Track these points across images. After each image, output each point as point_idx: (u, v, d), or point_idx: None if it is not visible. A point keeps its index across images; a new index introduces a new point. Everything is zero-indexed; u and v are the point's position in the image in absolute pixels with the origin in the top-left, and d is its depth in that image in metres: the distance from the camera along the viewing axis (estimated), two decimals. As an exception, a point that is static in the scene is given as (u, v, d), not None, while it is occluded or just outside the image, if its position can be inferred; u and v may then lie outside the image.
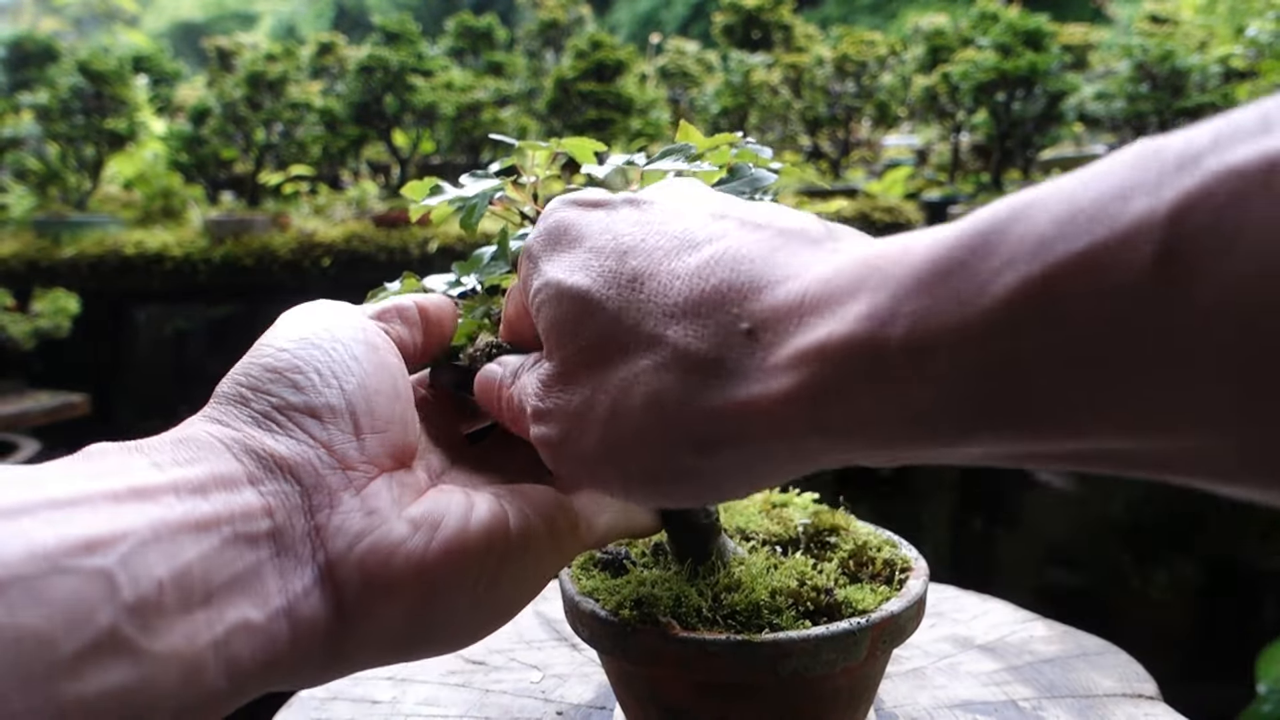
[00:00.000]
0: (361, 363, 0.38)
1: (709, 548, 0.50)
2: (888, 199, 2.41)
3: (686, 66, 3.42)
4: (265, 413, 0.35)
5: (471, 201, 0.48)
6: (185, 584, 0.28)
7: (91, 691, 0.26)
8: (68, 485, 0.28)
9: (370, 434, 0.36)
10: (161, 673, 0.27)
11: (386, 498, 0.35)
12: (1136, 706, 0.61)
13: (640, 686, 0.51)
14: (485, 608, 0.37)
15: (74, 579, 0.26)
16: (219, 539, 0.30)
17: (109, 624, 0.26)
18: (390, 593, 0.34)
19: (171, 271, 2.40)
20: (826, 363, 0.26)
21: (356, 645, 0.34)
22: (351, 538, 0.34)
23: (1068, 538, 3.03)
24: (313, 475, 0.34)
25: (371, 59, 2.54)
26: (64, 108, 2.56)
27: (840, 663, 0.46)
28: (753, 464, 0.31)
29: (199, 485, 0.31)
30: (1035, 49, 2.42)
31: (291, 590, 0.32)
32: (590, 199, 0.38)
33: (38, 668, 0.24)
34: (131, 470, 0.30)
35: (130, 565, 0.27)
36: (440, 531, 0.35)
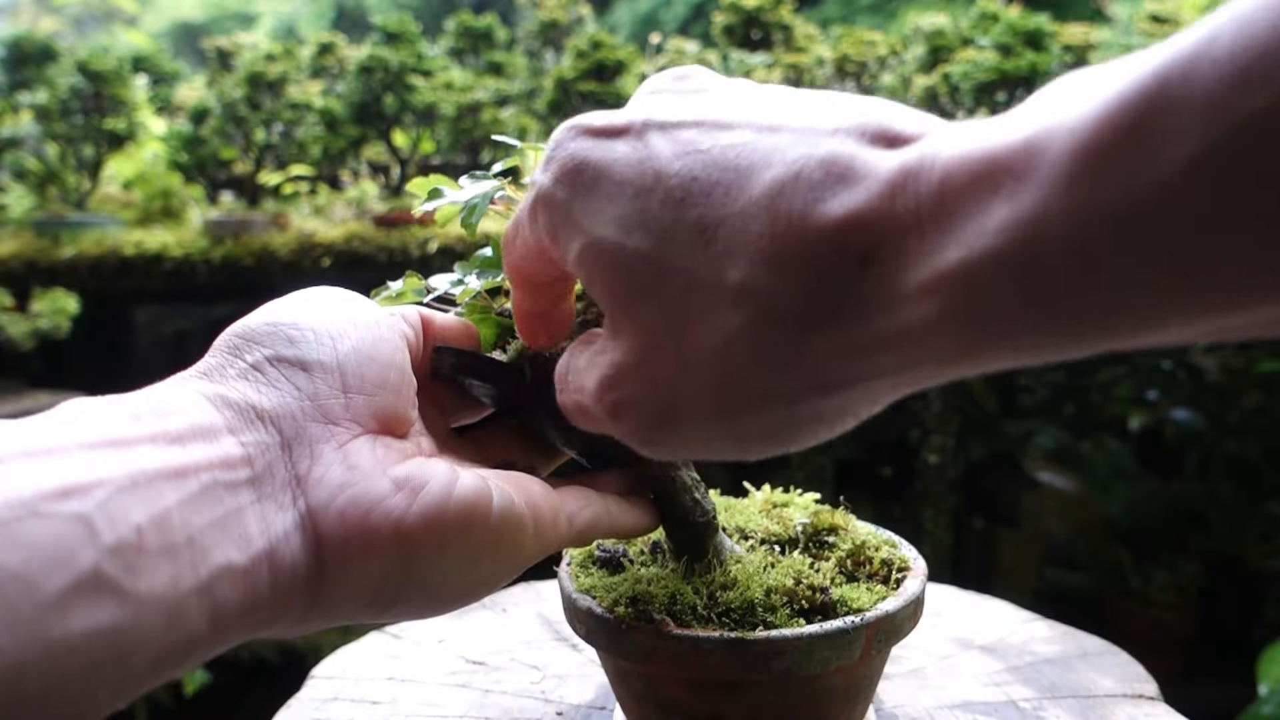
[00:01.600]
0: (360, 329, 0.38)
1: (706, 545, 0.50)
2: (888, 199, 2.41)
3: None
4: (256, 364, 0.36)
5: (473, 203, 0.48)
6: (166, 528, 0.29)
7: (78, 630, 0.26)
8: (42, 436, 0.28)
9: (358, 394, 0.36)
10: (146, 614, 0.28)
11: (369, 456, 0.35)
12: (1137, 707, 0.61)
13: (636, 684, 0.51)
14: (461, 579, 0.37)
15: (52, 522, 0.26)
16: (198, 485, 0.31)
17: (91, 565, 0.26)
18: (369, 548, 0.34)
19: (171, 271, 2.40)
20: (974, 282, 0.24)
21: (333, 597, 0.34)
22: (333, 488, 0.34)
23: (1068, 538, 3.03)
24: (293, 426, 0.34)
25: (371, 59, 2.54)
26: (63, 108, 2.55)
27: (834, 661, 0.46)
28: (880, 394, 0.29)
29: (176, 436, 0.31)
30: (1036, 49, 2.42)
31: (273, 533, 0.32)
32: (605, 125, 0.33)
33: (23, 607, 0.25)
34: (108, 422, 0.31)
35: (108, 510, 0.27)
36: (422, 496, 0.35)
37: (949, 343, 0.25)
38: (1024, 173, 0.23)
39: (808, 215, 0.27)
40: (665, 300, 0.30)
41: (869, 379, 0.28)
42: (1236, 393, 3.06)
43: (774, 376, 0.29)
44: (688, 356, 0.30)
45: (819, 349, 0.27)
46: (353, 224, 2.53)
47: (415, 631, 0.74)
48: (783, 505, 0.59)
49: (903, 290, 0.26)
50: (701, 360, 0.30)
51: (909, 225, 0.25)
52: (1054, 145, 0.23)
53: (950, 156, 0.25)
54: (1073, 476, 3.03)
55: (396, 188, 2.63)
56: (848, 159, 0.27)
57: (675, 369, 0.31)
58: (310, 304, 0.39)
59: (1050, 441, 3.15)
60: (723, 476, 0.60)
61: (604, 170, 0.32)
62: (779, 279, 0.27)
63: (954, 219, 0.24)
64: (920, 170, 0.26)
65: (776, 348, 0.28)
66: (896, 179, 0.26)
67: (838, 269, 0.26)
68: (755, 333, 0.28)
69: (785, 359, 0.28)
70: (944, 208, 0.25)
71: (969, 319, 0.25)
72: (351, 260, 2.32)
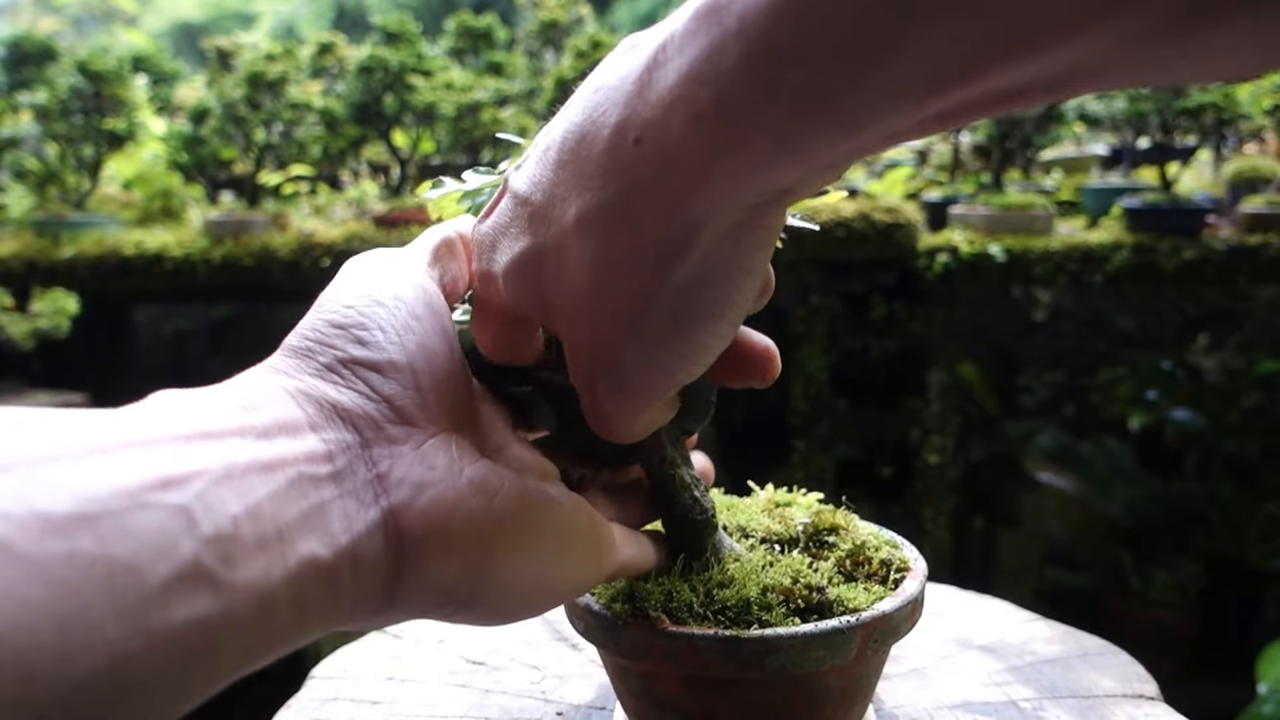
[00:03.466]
0: (424, 322, 0.38)
1: (704, 543, 0.50)
2: (888, 199, 2.41)
3: (686, 66, 3.42)
4: (329, 365, 0.36)
5: (479, 199, 0.48)
6: (258, 519, 0.29)
7: (178, 620, 0.26)
8: (140, 428, 0.29)
9: (430, 392, 0.37)
10: (240, 605, 0.28)
11: (445, 457, 0.36)
12: (1137, 707, 0.61)
13: (634, 680, 0.51)
14: (532, 583, 0.38)
15: (157, 513, 0.26)
16: (284, 479, 0.31)
17: (191, 555, 0.27)
18: (448, 548, 0.35)
19: (171, 271, 2.40)
20: (716, 88, 0.28)
21: (410, 595, 0.35)
22: (414, 488, 0.34)
23: (1068, 538, 3.03)
24: (373, 427, 0.35)
25: (371, 59, 2.54)
26: (63, 108, 2.55)
27: (829, 660, 0.46)
28: (742, 245, 0.33)
29: (263, 430, 0.32)
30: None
31: (355, 530, 0.33)
32: (492, 234, 0.39)
33: (130, 597, 0.25)
34: (198, 414, 0.31)
35: (206, 500, 0.28)
36: (497, 500, 0.36)
37: (721, 146, 0.30)
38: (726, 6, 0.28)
39: (595, 139, 0.33)
40: (554, 285, 0.36)
41: (708, 218, 0.32)
42: (1236, 393, 3.07)
43: (640, 264, 0.33)
44: (593, 313, 0.35)
45: (649, 212, 0.32)
46: (353, 224, 2.53)
47: (415, 631, 0.74)
48: (785, 505, 0.59)
49: (658, 98, 0.30)
50: (598, 303, 0.35)
51: (650, 60, 0.31)
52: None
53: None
54: (1073, 476, 3.03)
55: (396, 188, 2.63)
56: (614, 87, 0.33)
57: (591, 331, 0.36)
58: (369, 294, 0.38)
59: (1050, 441, 3.15)
60: (723, 476, 0.60)
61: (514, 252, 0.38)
62: (594, 191, 0.33)
63: (683, 35, 0.29)
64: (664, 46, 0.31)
65: (622, 235, 0.33)
66: (644, 75, 0.31)
67: (620, 153, 0.32)
68: (604, 239, 0.33)
69: (635, 242, 0.33)
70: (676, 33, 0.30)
71: (719, 118, 0.29)
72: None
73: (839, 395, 2.47)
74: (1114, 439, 3.22)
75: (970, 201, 2.46)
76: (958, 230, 2.39)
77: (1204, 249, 2.25)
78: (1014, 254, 2.27)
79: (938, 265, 2.29)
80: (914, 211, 2.38)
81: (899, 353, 2.56)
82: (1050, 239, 2.32)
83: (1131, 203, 2.36)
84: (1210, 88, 2.30)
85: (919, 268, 2.34)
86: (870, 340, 2.47)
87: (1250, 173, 2.50)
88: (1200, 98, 2.28)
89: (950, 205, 2.51)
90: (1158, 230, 2.29)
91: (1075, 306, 3.49)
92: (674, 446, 0.49)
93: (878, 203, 2.33)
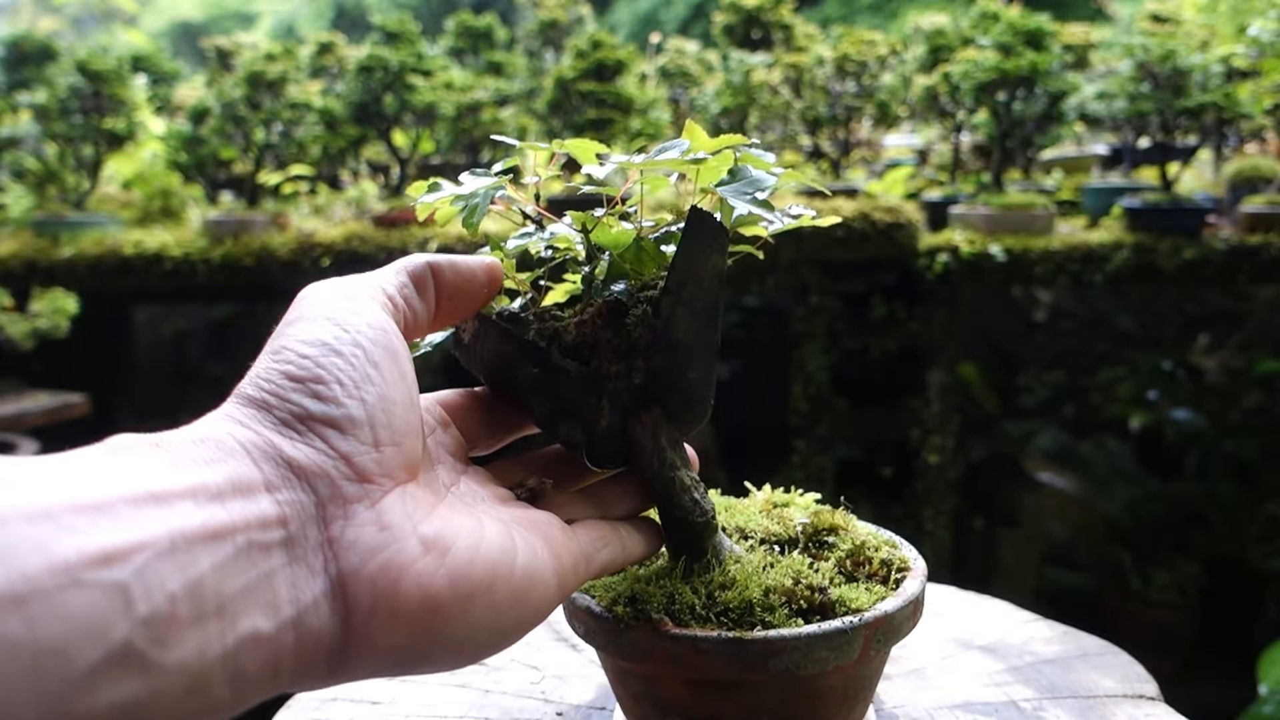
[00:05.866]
0: (382, 370, 0.37)
1: (705, 545, 0.50)
2: (888, 199, 2.41)
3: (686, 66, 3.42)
4: (285, 420, 0.35)
5: (473, 201, 0.48)
6: (198, 595, 0.29)
7: (102, 705, 0.26)
8: (88, 488, 0.28)
9: (389, 446, 0.36)
10: (169, 685, 0.27)
11: (400, 512, 0.35)
12: (1137, 707, 0.61)
13: (635, 683, 0.51)
14: (486, 635, 0.37)
15: (92, 593, 0.26)
16: (233, 548, 0.30)
17: (123, 638, 0.26)
18: (396, 615, 0.34)
19: (171, 271, 2.40)
20: None
21: (358, 660, 0.34)
22: (365, 553, 0.34)
23: (1068, 538, 3.03)
24: (329, 486, 0.34)
25: (371, 59, 2.53)
26: (62, 107, 2.55)
27: (832, 661, 0.46)
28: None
29: (217, 491, 0.31)
30: (1036, 48, 2.42)
31: (302, 600, 0.32)
32: None
33: (53, 683, 0.25)
34: (151, 471, 0.30)
35: (145, 578, 0.27)
36: (449, 558, 0.35)
37: None
38: None
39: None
40: None
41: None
42: (1236, 393, 3.06)
43: None
44: None
45: None
46: (352, 224, 2.52)
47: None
48: (783, 505, 0.59)
49: None
50: None
51: None
52: None
53: None
54: (1073, 476, 3.02)
55: (396, 187, 2.63)
56: None
57: None
58: (326, 343, 0.37)
59: (1050, 441, 3.15)
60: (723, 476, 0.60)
61: None
62: None
63: None
64: None
65: None
66: None
67: None
68: None
69: None
70: None
71: None
72: (351, 260, 2.32)
73: (839, 395, 2.47)
74: (1114, 439, 3.22)
75: (971, 201, 2.46)
76: (958, 230, 2.39)
77: (1204, 249, 2.25)
78: (1014, 254, 2.27)
79: (938, 265, 2.29)
80: (914, 211, 2.38)
81: (899, 353, 2.56)
82: (1050, 239, 2.32)
83: (1132, 202, 2.36)
84: (1210, 87, 2.30)
85: (919, 268, 2.34)
86: (870, 340, 2.47)
87: (1251, 172, 2.50)
88: (1201, 97, 2.27)
89: (950, 205, 2.51)
90: (1158, 230, 2.29)
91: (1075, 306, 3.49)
92: (673, 449, 0.48)
93: (878, 202, 2.33)
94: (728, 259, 0.47)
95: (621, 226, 0.48)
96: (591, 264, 0.50)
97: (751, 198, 0.46)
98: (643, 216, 0.50)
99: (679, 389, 0.47)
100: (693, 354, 0.47)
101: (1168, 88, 2.31)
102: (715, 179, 0.47)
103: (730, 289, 0.52)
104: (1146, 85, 2.34)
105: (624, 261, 0.49)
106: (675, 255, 0.45)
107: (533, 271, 0.52)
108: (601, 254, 0.49)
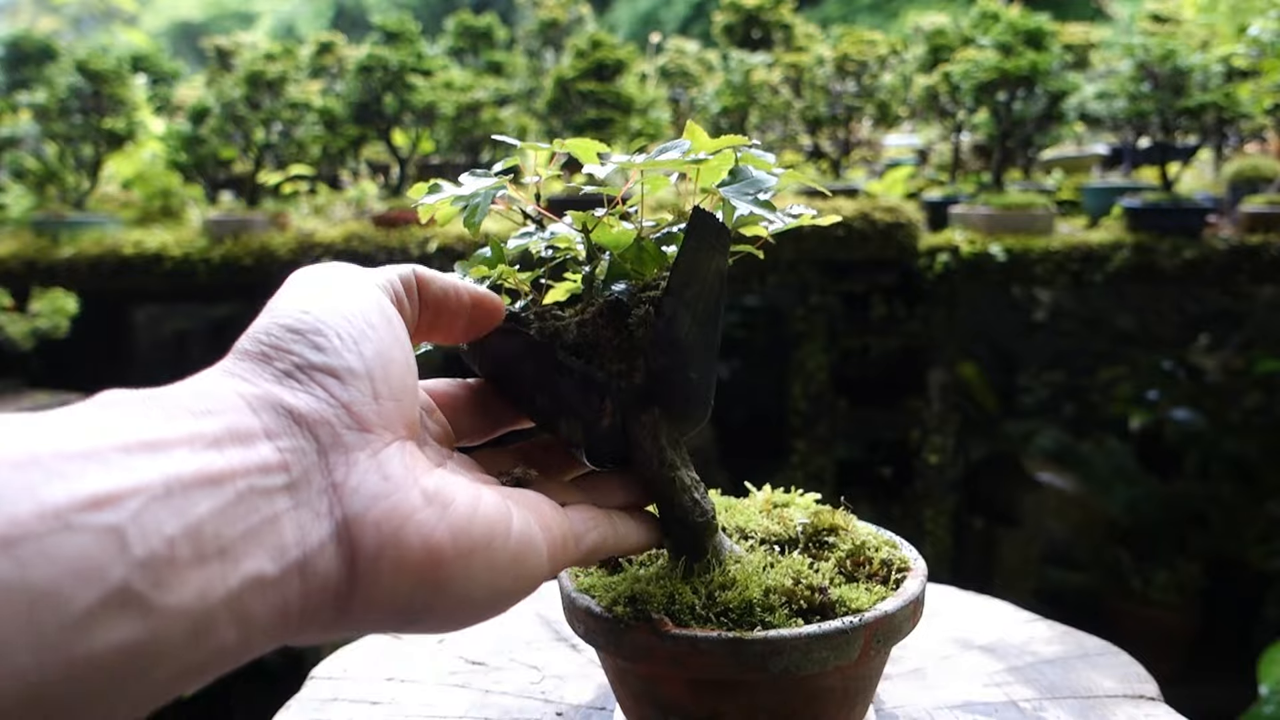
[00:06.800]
0: (379, 330, 0.38)
1: (705, 545, 0.50)
2: (889, 198, 2.41)
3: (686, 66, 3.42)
4: (287, 371, 0.35)
5: (474, 201, 0.48)
6: (198, 539, 0.28)
7: (100, 647, 0.25)
8: (78, 437, 0.28)
9: (388, 400, 0.37)
10: (171, 628, 0.27)
11: (401, 464, 0.36)
12: (1137, 707, 0.61)
13: (635, 683, 0.51)
14: (483, 594, 0.37)
15: (84, 536, 0.25)
16: (234, 492, 0.30)
17: (120, 580, 0.26)
18: (401, 564, 0.34)
19: (170, 271, 2.40)
20: None
21: (362, 609, 0.34)
22: (369, 498, 0.34)
23: (1068, 538, 3.03)
24: (330, 434, 0.34)
25: (371, 58, 2.53)
26: (62, 107, 2.55)
27: (832, 661, 0.46)
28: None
29: (214, 439, 0.31)
30: (1036, 48, 2.42)
31: (308, 543, 0.32)
32: None
33: (50, 625, 0.24)
34: (144, 421, 0.30)
35: (141, 521, 0.27)
36: (449, 513, 0.36)
37: None
38: None
39: None
40: None
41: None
42: (1236, 393, 3.06)
43: None
44: None
45: None
46: (352, 223, 2.52)
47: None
48: (783, 505, 0.59)
49: None
50: None
51: None
52: None
53: None
54: (1073, 476, 3.02)
55: (396, 187, 2.63)
56: None
57: None
58: (322, 301, 0.38)
59: (1050, 441, 3.15)
60: (723, 477, 0.60)
61: None
62: None
63: None
64: None
65: None
66: None
67: None
68: None
69: None
70: None
71: None
72: (351, 260, 2.32)
73: (839, 395, 2.47)
74: (1114, 439, 3.22)
75: (971, 201, 2.46)
76: (958, 230, 2.39)
77: (1204, 248, 2.25)
78: (1014, 254, 2.27)
79: (938, 265, 2.29)
80: (914, 211, 2.38)
81: (899, 352, 2.56)
82: (1051, 239, 2.32)
83: (1132, 202, 2.36)
84: (1211, 87, 2.30)
85: (919, 267, 2.34)
86: (870, 340, 2.47)
87: (1251, 172, 2.50)
88: (1202, 97, 2.27)
89: (951, 205, 2.51)
90: (1158, 230, 2.29)
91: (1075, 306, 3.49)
92: (673, 449, 0.48)
93: (878, 202, 2.33)
94: (729, 259, 0.47)
95: (622, 226, 0.48)
96: (592, 264, 0.50)
97: (753, 198, 0.46)
98: (643, 216, 0.50)
99: (680, 389, 0.47)
100: (694, 354, 0.47)
101: (1168, 88, 2.31)
102: (716, 179, 0.47)
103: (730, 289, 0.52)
104: (1146, 85, 2.34)
105: (625, 261, 0.49)
106: (678, 256, 0.45)
107: (533, 271, 0.52)
108: (602, 254, 0.49)
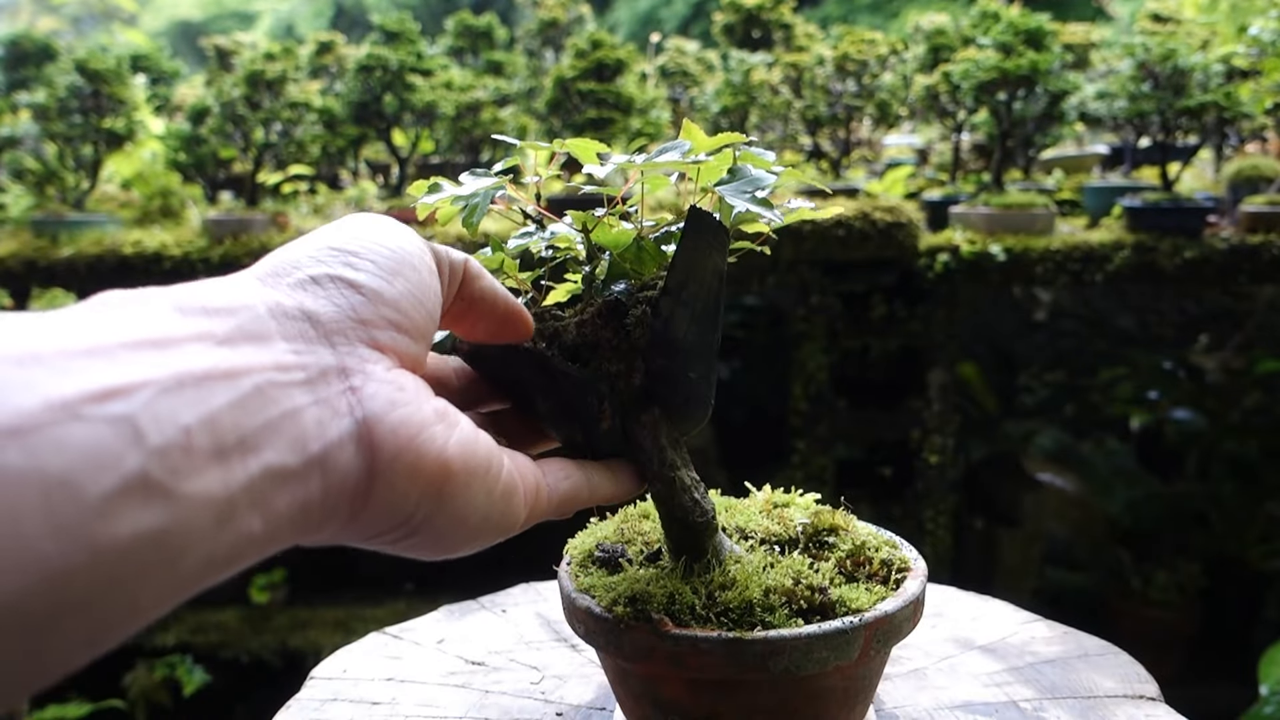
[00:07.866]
0: (418, 274, 0.39)
1: (705, 545, 0.50)
2: (889, 198, 2.41)
3: (686, 66, 3.42)
4: (315, 277, 0.35)
5: (474, 200, 0.48)
6: (215, 429, 0.28)
7: (124, 533, 0.25)
8: (81, 335, 0.27)
9: (404, 334, 0.37)
10: (195, 515, 0.27)
11: (413, 384, 0.36)
12: (1138, 707, 0.61)
13: (635, 683, 0.51)
14: (478, 518, 0.39)
15: (96, 425, 0.25)
16: (250, 385, 0.30)
17: (138, 468, 0.26)
18: (415, 467, 0.35)
19: (170, 271, 2.40)
20: None
21: (374, 512, 0.35)
22: (386, 404, 0.34)
23: (1068, 538, 3.03)
24: (346, 344, 0.35)
25: (370, 58, 2.53)
26: (62, 107, 2.55)
27: (832, 661, 0.46)
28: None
29: (225, 338, 0.31)
30: (1036, 48, 2.42)
31: (328, 438, 0.32)
32: None
33: (68, 512, 0.24)
34: (151, 319, 0.30)
35: (154, 410, 0.27)
36: (457, 431, 0.37)
37: None
38: None
39: None
40: None
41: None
42: (1236, 393, 3.06)
43: None
44: None
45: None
46: (352, 223, 2.52)
47: (415, 632, 0.73)
48: (783, 505, 0.59)
49: None
50: None
51: None
52: None
53: None
54: (1073, 476, 3.02)
55: (396, 187, 2.63)
56: None
57: None
58: (368, 235, 0.38)
59: (1050, 441, 3.15)
60: (723, 476, 0.60)
61: None
62: None
63: None
64: None
65: None
66: None
67: None
68: None
69: None
70: None
71: None
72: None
73: (839, 395, 2.47)
74: (1114, 439, 3.22)
75: (971, 201, 2.46)
76: (958, 230, 2.39)
77: (1205, 248, 2.25)
78: (1014, 254, 2.27)
79: (938, 265, 2.29)
80: (914, 211, 2.38)
81: (899, 353, 2.56)
82: (1051, 239, 2.32)
83: (1132, 202, 2.36)
84: (1211, 87, 2.30)
85: (919, 267, 2.34)
86: (870, 340, 2.47)
87: (1251, 172, 2.50)
88: (1202, 97, 2.27)
89: (951, 205, 2.50)
90: (1158, 230, 2.29)
91: (1075, 306, 3.49)
92: (674, 449, 0.48)
93: (878, 202, 2.33)
94: (728, 258, 0.47)
95: (622, 226, 0.48)
96: (592, 264, 0.49)
97: (751, 196, 0.46)
98: (643, 216, 0.50)
99: (679, 389, 0.47)
100: (693, 354, 0.46)
101: (1168, 87, 2.31)
102: (715, 178, 0.47)
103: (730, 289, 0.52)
104: (1147, 85, 2.34)
105: (624, 261, 0.49)
106: (675, 255, 0.45)
107: (533, 271, 0.52)
108: (602, 254, 0.49)
